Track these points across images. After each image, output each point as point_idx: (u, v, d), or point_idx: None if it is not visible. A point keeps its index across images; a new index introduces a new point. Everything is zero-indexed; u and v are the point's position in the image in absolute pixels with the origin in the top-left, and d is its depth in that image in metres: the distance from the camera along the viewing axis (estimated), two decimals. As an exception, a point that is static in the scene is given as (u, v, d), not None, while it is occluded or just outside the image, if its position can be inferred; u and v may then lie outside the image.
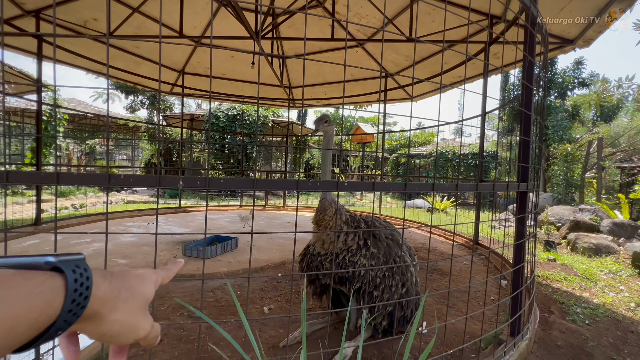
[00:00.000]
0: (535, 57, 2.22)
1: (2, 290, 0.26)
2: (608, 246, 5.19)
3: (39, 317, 0.28)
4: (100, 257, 3.61)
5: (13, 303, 0.26)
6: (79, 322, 0.33)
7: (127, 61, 6.39)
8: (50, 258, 0.32)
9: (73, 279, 0.31)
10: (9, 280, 0.27)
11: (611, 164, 11.65)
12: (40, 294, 0.28)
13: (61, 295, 0.30)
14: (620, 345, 2.44)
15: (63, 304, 0.30)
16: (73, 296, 0.30)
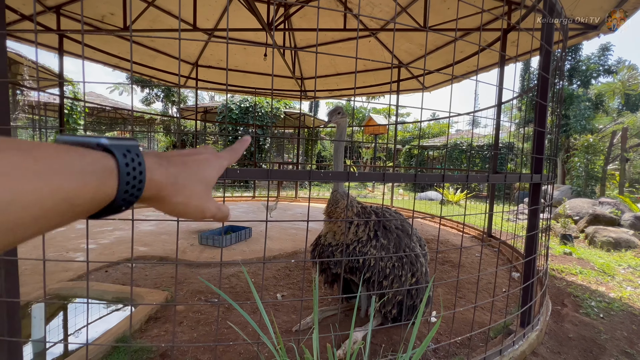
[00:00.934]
0: (554, 45, 2.16)
1: (58, 162, 0.26)
2: (628, 240, 5.04)
3: (94, 195, 0.28)
4: (122, 245, 3.79)
5: (69, 177, 0.26)
6: (142, 202, 0.34)
7: (142, 55, 6.52)
8: (103, 140, 0.32)
9: (124, 163, 0.31)
10: (65, 155, 0.27)
11: (636, 155, 11.15)
12: (94, 172, 0.28)
13: (115, 175, 0.30)
14: (635, 339, 2.41)
15: (118, 186, 0.30)
16: (126, 179, 0.31)
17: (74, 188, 0.26)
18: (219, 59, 7.28)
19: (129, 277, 2.92)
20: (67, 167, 0.26)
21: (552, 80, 2.15)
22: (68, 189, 0.26)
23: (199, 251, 3.63)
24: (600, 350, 2.23)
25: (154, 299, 2.38)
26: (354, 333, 2.03)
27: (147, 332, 2.06)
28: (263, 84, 8.47)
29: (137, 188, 0.32)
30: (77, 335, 2.12)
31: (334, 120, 1.97)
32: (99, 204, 0.30)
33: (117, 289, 2.58)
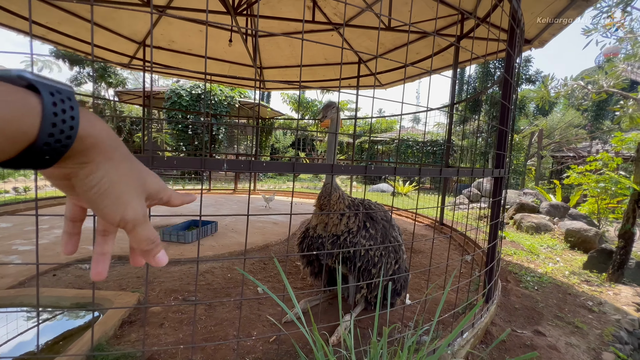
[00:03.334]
0: (499, 53, 2.46)
1: None
2: (546, 225, 6.01)
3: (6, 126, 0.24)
4: (66, 245, 3.34)
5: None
6: (68, 160, 0.30)
7: (78, 27, 5.68)
8: (25, 73, 0.27)
9: (51, 102, 0.27)
10: None
11: (547, 153, 13.20)
12: (11, 102, 0.25)
13: (37, 112, 0.26)
14: (562, 305, 2.94)
15: (41, 120, 0.26)
16: (52, 119, 0.27)
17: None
18: (170, 39, 6.68)
19: (84, 280, 2.61)
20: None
21: (515, 82, 2.45)
22: None
23: (163, 248, 3.38)
24: (539, 316, 2.67)
25: (125, 302, 2.18)
26: (342, 318, 2.12)
27: (124, 337, 1.89)
28: (219, 70, 8.02)
29: (66, 134, 0.28)
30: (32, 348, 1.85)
31: (329, 115, 2.00)
32: (13, 142, 0.25)
33: (76, 294, 2.29)
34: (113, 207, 0.32)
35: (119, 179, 0.32)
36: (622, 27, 3.93)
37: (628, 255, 3.74)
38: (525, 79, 16.37)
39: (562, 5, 3.66)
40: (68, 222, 0.37)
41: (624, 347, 2.45)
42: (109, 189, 0.31)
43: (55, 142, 0.27)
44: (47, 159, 0.28)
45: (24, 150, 0.26)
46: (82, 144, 0.29)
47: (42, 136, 0.26)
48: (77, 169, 0.30)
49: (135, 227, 0.34)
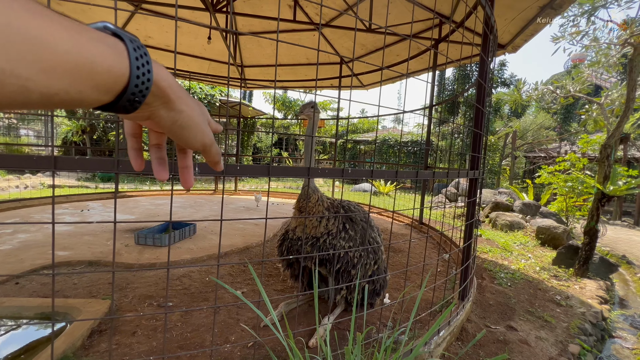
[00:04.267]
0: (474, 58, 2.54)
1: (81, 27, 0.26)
2: (519, 222, 6.27)
3: (111, 68, 0.28)
4: (31, 250, 3.16)
5: (89, 39, 0.26)
6: (150, 103, 0.33)
7: (44, 19, 5.37)
8: (109, 24, 0.31)
9: (132, 48, 0.31)
10: (82, 25, 0.27)
11: (521, 154, 13.80)
12: (109, 45, 0.28)
13: (125, 56, 0.30)
14: (533, 300, 3.07)
15: (129, 64, 0.30)
16: (136, 63, 0.30)
17: (95, 53, 0.27)
18: (147, 35, 6.45)
19: (50, 288, 2.47)
20: (86, 32, 0.27)
21: (489, 87, 2.53)
22: (91, 50, 0.26)
23: (138, 252, 3.26)
24: (512, 311, 2.78)
25: (95, 310, 2.08)
26: (322, 322, 2.12)
27: (93, 347, 1.80)
28: (197, 67, 7.84)
29: (147, 77, 0.31)
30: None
31: (306, 112, 1.99)
32: (115, 83, 0.29)
33: (41, 303, 2.16)
34: (193, 136, 0.39)
35: (192, 113, 0.38)
36: (587, 35, 4.17)
37: (592, 251, 3.96)
38: (501, 82, 17.06)
39: (533, 13, 3.82)
40: (130, 137, 0.42)
41: (588, 339, 2.59)
42: (189, 122, 0.38)
43: (141, 84, 0.31)
44: (137, 100, 0.31)
45: (120, 92, 0.30)
46: (158, 86, 0.33)
47: (132, 79, 0.30)
48: (157, 108, 0.35)
49: (210, 148, 0.43)
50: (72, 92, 0.26)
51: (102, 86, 0.28)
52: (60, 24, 0.25)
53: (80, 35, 0.26)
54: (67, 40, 0.25)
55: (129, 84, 0.30)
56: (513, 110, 17.02)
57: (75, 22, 0.27)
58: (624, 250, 5.89)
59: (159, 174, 0.44)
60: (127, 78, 0.30)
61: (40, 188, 8.16)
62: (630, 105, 3.70)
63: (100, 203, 5.91)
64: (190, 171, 0.46)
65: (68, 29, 0.25)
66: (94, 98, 0.29)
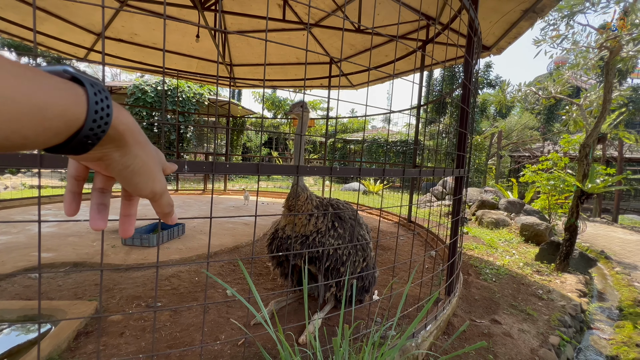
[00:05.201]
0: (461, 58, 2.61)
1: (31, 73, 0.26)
2: (504, 220, 6.44)
3: (64, 112, 0.28)
4: (13, 252, 3.07)
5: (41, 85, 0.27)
6: (105, 144, 0.34)
7: (24, 14, 5.21)
8: (68, 68, 0.32)
9: (93, 92, 0.31)
10: (35, 70, 0.27)
11: (506, 153, 14.15)
12: (64, 90, 0.29)
13: (83, 100, 0.30)
14: (516, 294, 3.17)
15: (87, 113, 0.30)
16: (95, 107, 0.30)
17: (46, 98, 0.27)
18: (133, 32, 6.33)
19: (33, 290, 2.41)
20: (39, 78, 0.27)
21: (474, 88, 2.60)
22: (41, 97, 0.26)
23: (125, 253, 3.21)
24: (496, 305, 2.86)
25: (81, 312, 2.05)
26: (311, 318, 2.15)
27: (79, 349, 1.77)
28: (186, 66, 7.73)
29: (104, 121, 0.31)
30: None
31: (295, 111, 2.01)
32: (67, 127, 0.29)
33: (24, 306, 2.11)
34: (144, 183, 0.38)
35: (147, 159, 0.37)
36: (567, 39, 4.33)
37: (572, 246, 4.11)
38: (487, 83, 17.47)
39: (516, 17, 3.93)
40: (72, 180, 0.40)
41: (567, 330, 2.69)
42: (141, 168, 0.37)
43: (97, 127, 0.31)
44: (90, 143, 0.32)
45: (72, 135, 0.30)
46: (116, 129, 0.33)
47: (88, 122, 0.30)
48: (112, 151, 0.35)
49: (161, 197, 0.41)
50: (15, 138, 0.26)
51: (50, 130, 0.28)
52: (8, 71, 0.24)
53: (33, 82, 0.26)
54: (15, 87, 0.24)
55: (84, 126, 0.30)
56: (498, 111, 17.45)
57: (30, 68, 0.27)
58: (603, 245, 6.12)
59: (96, 222, 0.40)
60: (83, 121, 0.30)
61: (21, 189, 7.91)
62: (607, 106, 3.86)
63: (85, 204, 5.77)
64: (132, 220, 0.44)
65: (18, 76, 0.25)
66: (41, 142, 0.28)
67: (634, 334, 2.89)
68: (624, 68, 4.33)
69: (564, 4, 4.26)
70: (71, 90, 0.29)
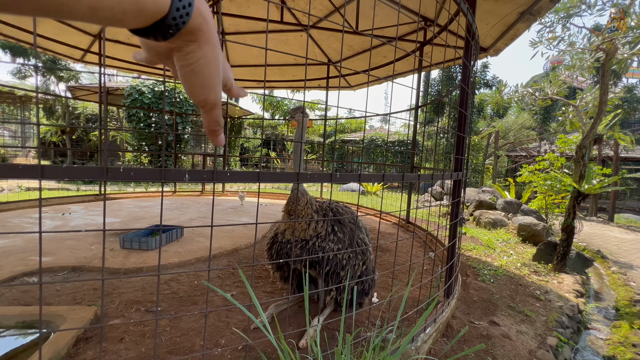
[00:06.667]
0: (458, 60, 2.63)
1: None
2: (502, 220, 6.47)
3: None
4: (10, 257, 3.05)
5: None
6: (182, 36, 0.34)
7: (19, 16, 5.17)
8: None
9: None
10: None
11: (503, 153, 14.23)
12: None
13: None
14: (514, 295, 3.19)
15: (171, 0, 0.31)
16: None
17: None
18: (130, 33, 6.28)
19: (32, 296, 2.40)
20: None
21: (472, 91, 2.62)
22: None
23: (123, 256, 3.20)
24: (494, 307, 2.88)
25: (80, 317, 2.04)
26: (311, 322, 2.15)
27: (78, 356, 1.77)
28: (183, 67, 7.70)
29: (186, 11, 0.32)
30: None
31: (297, 117, 2.01)
32: (156, 12, 0.30)
33: (22, 311, 2.10)
34: (201, 87, 0.37)
35: (212, 62, 0.36)
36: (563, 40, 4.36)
37: (569, 247, 4.14)
38: (483, 84, 17.55)
39: (513, 19, 3.95)
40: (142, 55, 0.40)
41: (565, 331, 2.72)
42: (203, 70, 0.36)
43: (179, 17, 0.31)
44: (170, 32, 0.32)
45: (158, 21, 0.31)
46: (194, 22, 0.33)
47: (172, 11, 0.31)
48: (183, 44, 0.35)
49: (212, 109, 0.40)
50: (117, 11, 0.28)
51: (144, 11, 0.30)
52: None
53: None
54: None
55: (168, 14, 0.31)
56: (495, 111, 17.54)
57: None
58: (599, 245, 6.17)
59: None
60: (168, 9, 0.31)
61: (17, 191, 7.86)
62: (603, 107, 3.89)
63: (82, 206, 5.74)
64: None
65: None
66: (133, 21, 0.30)
67: (631, 334, 2.92)
68: (618, 69, 4.37)
69: (561, 6, 4.29)
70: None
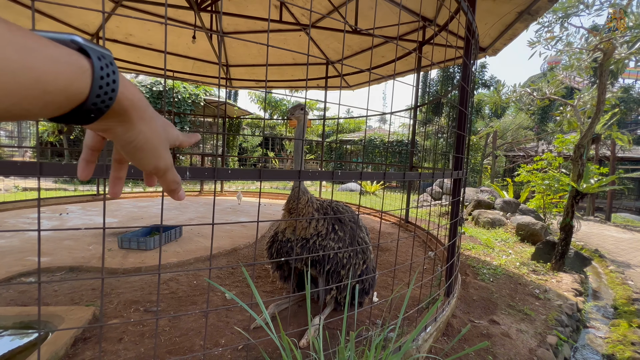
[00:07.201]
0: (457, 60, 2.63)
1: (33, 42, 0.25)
2: (500, 220, 6.49)
3: (67, 87, 0.28)
4: (7, 257, 3.02)
5: (43, 58, 0.25)
6: (108, 118, 0.33)
7: (17, 14, 5.14)
8: (77, 37, 0.30)
9: (99, 66, 0.30)
10: (39, 38, 0.26)
11: (501, 153, 14.28)
12: (69, 64, 0.27)
13: (88, 74, 0.29)
14: (513, 294, 3.20)
15: (91, 86, 0.29)
16: (99, 82, 0.30)
17: (47, 71, 0.26)
18: (128, 32, 6.27)
19: (29, 296, 2.38)
20: (42, 50, 0.26)
21: (471, 90, 2.62)
22: (42, 69, 0.25)
23: (122, 256, 3.18)
24: (494, 306, 2.88)
25: (79, 317, 2.02)
26: (312, 321, 2.14)
27: (77, 356, 1.75)
28: (181, 66, 7.68)
29: (109, 96, 0.31)
30: None
31: (296, 115, 2.00)
32: (69, 101, 0.29)
33: (20, 312, 2.08)
34: (148, 159, 0.38)
35: (151, 135, 0.37)
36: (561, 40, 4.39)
37: (568, 246, 4.15)
38: (481, 84, 17.63)
39: (511, 18, 3.96)
40: (88, 150, 0.40)
41: (564, 330, 2.72)
42: (144, 145, 0.37)
43: (100, 102, 0.30)
44: (92, 116, 0.31)
45: (75, 108, 0.30)
46: (120, 105, 0.33)
47: (92, 97, 0.30)
48: (116, 126, 0.34)
49: (165, 173, 0.41)
50: (16, 111, 0.25)
51: (51, 104, 0.28)
52: (9, 42, 0.23)
53: (34, 54, 0.25)
54: (14, 60, 0.23)
55: (87, 100, 0.30)
56: (493, 112, 17.62)
57: (33, 38, 0.25)
58: (597, 244, 6.20)
59: (113, 192, 0.44)
60: (86, 96, 0.29)
61: (14, 191, 7.79)
62: (601, 107, 3.91)
63: (79, 206, 5.71)
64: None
65: (18, 47, 0.24)
66: (43, 114, 0.28)
67: (629, 332, 2.93)
68: (615, 69, 4.40)
69: (559, 6, 4.31)
70: (76, 63, 0.28)
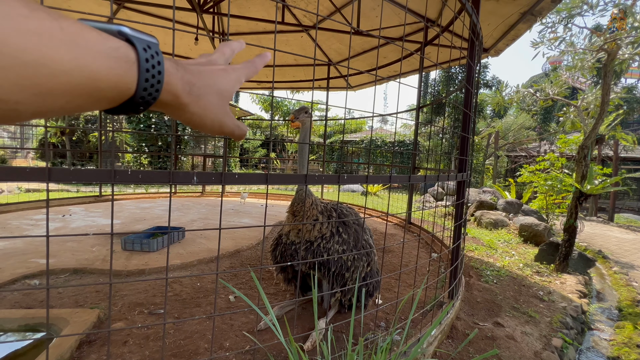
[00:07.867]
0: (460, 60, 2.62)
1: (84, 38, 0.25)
2: (503, 220, 6.47)
3: (117, 83, 0.28)
4: (11, 259, 3.03)
5: (94, 57, 0.25)
6: (161, 106, 0.34)
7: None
8: (125, 28, 0.30)
9: (145, 58, 0.29)
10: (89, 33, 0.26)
11: (503, 153, 14.24)
12: (117, 59, 0.27)
13: (135, 69, 0.29)
14: (517, 296, 3.18)
15: (137, 80, 0.29)
16: (145, 75, 0.29)
17: (99, 69, 0.26)
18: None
19: (33, 299, 2.38)
20: (92, 45, 0.25)
21: (476, 91, 2.61)
22: (94, 68, 0.25)
23: (125, 258, 3.18)
24: (498, 308, 2.87)
25: (83, 320, 2.02)
26: (317, 323, 2.14)
27: (82, 359, 1.75)
28: (184, 68, 7.69)
29: (155, 88, 0.31)
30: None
31: (301, 118, 2.00)
32: (119, 96, 0.29)
33: (25, 314, 2.08)
34: (211, 128, 0.39)
35: (203, 112, 0.37)
36: (564, 41, 4.37)
37: (572, 247, 4.14)
38: (483, 84, 17.59)
39: (514, 19, 3.95)
40: None
41: (569, 332, 2.71)
42: (200, 122, 0.38)
43: (147, 95, 0.31)
44: (141, 108, 0.32)
45: (125, 101, 0.30)
46: (165, 94, 0.33)
47: (139, 90, 0.30)
48: (167, 111, 0.36)
49: (232, 133, 0.43)
50: (70, 107, 0.26)
51: (104, 99, 0.28)
52: (61, 40, 0.23)
53: (85, 51, 0.25)
54: (67, 60, 0.23)
55: (135, 94, 0.30)
56: (495, 112, 17.57)
57: (83, 33, 0.25)
58: (600, 245, 6.17)
59: None
60: (134, 90, 0.29)
61: (17, 192, 7.82)
62: (605, 108, 3.89)
63: (82, 207, 5.72)
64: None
65: (70, 45, 0.24)
66: (96, 108, 0.29)
67: (634, 335, 2.91)
68: (619, 70, 4.38)
69: (562, 6, 4.29)
70: (124, 57, 0.28)
